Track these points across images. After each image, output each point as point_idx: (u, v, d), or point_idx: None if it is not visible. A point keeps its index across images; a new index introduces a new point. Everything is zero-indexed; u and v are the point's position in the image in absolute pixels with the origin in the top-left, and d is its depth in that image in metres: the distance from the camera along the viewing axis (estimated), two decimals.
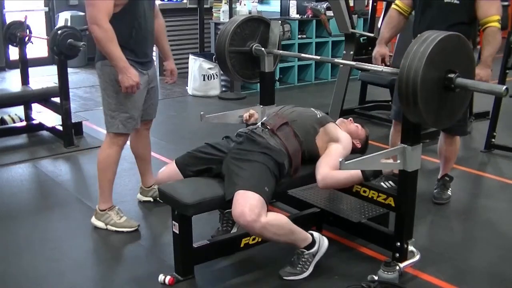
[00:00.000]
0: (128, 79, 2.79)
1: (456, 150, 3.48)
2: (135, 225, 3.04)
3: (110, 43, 2.74)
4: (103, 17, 2.72)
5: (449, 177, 3.53)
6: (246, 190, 2.33)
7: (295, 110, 2.79)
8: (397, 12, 3.28)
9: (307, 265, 2.55)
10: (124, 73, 2.79)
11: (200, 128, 3.25)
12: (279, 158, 2.52)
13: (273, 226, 2.36)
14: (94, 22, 2.73)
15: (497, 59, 3.35)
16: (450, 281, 2.56)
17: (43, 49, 7.65)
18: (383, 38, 3.37)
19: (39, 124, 4.84)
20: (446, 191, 3.48)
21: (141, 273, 2.70)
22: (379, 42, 3.37)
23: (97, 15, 2.72)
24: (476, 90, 2.25)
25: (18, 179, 3.92)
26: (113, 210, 3.07)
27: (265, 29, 3.19)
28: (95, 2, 2.73)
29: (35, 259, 2.79)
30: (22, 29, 4.84)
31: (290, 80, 7.32)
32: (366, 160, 2.45)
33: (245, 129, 2.71)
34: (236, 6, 6.87)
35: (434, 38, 2.15)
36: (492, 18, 2.94)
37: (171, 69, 3.30)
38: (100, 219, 3.07)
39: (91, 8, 2.74)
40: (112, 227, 3.03)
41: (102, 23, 2.72)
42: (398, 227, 2.58)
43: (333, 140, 2.69)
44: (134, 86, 2.82)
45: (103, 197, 3.07)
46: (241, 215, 2.29)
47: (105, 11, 2.73)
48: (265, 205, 2.35)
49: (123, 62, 2.78)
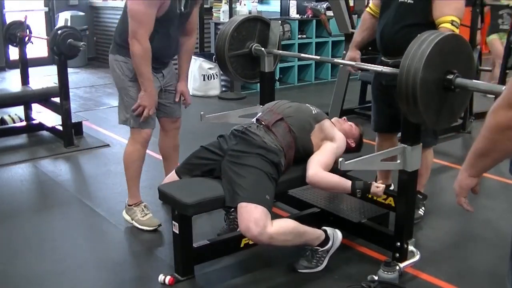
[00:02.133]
0: (148, 100, 2.86)
1: (427, 164, 3.06)
2: (156, 224, 3.03)
3: (145, 61, 2.79)
4: (145, 34, 2.74)
5: (422, 194, 3.20)
6: (248, 203, 2.34)
7: (290, 105, 2.77)
8: (370, 15, 3.19)
9: (322, 260, 2.61)
10: (146, 93, 2.84)
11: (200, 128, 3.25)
12: (275, 158, 2.51)
13: (280, 234, 2.37)
14: (135, 37, 2.74)
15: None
16: (450, 281, 2.57)
17: (43, 49, 7.64)
18: (354, 41, 3.26)
19: (39, 124, 4.84)
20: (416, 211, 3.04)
21: (141, 273, 2.70)
22: (351, 46, 3.27)
23: (139, 31, 2.73)
24: (476, 90, 2.25)
25: (18, 179, 3.92)
26: (139, 206, 3.08)
27: (262, 28, 3.18)
28: (141, 19, 2.72)
29: (35, 259, 2.79)
30: (22, 29, 4.84)
31: (290, 80, 7.32)
32: (366, 160, 2.45)
33: (239, 126, 2.68)
34: (236, 6, 6.87)
35: (433, 39, 2.15)
36: (445, 18, 2.69)
37: (182, 91, 3.18)
38: (128, 213, 3.11)
39: (136, 23, 2.73)
40: (135, 223, 3.05)
41: (143, 41, 2.75)
42: (398, 227, 2.58)
43: (328, 138, 2.68)
44: (148, 108, 2.87)
45: (130, 193, 3.10)
46: (247, 230, 2.32)
47: (148, 29, 2.75)
48: (268, 214, 2.36)
49: (150, 83, 2.85)
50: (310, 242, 2.55)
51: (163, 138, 3.27)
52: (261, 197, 2.37)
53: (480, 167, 1.48)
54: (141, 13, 2.71)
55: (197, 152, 2.66)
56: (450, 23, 2.67)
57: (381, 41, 3.00)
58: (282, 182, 2.57)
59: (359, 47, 3.26)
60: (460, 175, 1.54)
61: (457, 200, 1.60)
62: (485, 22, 5.65)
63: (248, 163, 2.46)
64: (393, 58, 2.88)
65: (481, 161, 1.45)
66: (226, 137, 2.65)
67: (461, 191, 1.57)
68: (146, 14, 2.72)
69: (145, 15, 2.72)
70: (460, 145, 4.87)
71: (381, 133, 3.26)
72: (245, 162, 2.47)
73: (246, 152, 2.51)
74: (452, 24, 2.67)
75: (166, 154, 3.32)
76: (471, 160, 1.48)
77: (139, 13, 2.71)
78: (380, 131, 3.26)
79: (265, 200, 2.37)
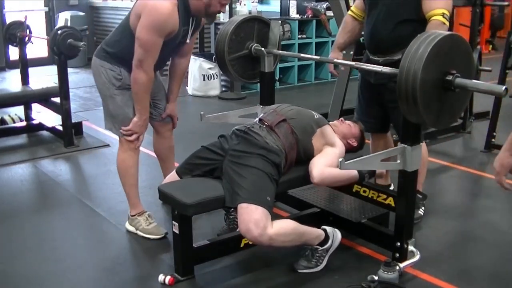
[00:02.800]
0: (140, 127, 2.87)
1: (423, 160, 2.86)
2: (162, 233, 2.95)
3: (146, 90, 2.78)
4: (151, 64, 2.72)
5: (422, 194, 3.17)
6: (248, 204, 2.33)
7: (293, 108, 2.79)
8: (352, 17, 3.19)
9: (321, 259, 2.61)
10: (140, 120, 2.85)
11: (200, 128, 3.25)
12: (276, 159, 2.51)
13: (280, 235, 2.37)
14: (140, 66, 2.70)
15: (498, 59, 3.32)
16: (450, 281, 2.57)
17: (43, 49, 7.65)
18: (337, 43, 3.26)
19: (39, 124, 4.84)
20: (416, 211, 3.02)
21: (141, 273, 2.71)
22: (333, 48, 3.27)
23: (146, 61, 2.69)
24: (476, 90, 2.25)
25: (18, 179, 3.92)
26: (142, 215, 3.00)
27: (261, 27, 3.18)
28: (150, 49, 2.68)
29: (35, 259, 2.79)
30: (22, 29, 4.85)
31: (290, 80, 7.32)
32: (366, 160, 2.45)
33: (242, 126, 2.68)
34: (236, 6, 6.87)
35: (432, 39, 2.15)
36: (435, 11, 2.70)
37: (171, 114, 3.15)
38: (131, 223, 3.03)
39: (143, 52, 2.68)
40: (141, 232, 2.98)
41: (149, 70, 2.73)
42: (398, 227, 2.58)
43: (329, 144, 2.69)
44: (139, 135, 2.89)
45: (130, 203, 3.02)
46: (247, 231, 2.32)
47: (155, 58, 2.72)
48: (269, 215, 2.36)
49: (146, 112, 2.86)
50: (310, 241, 2.55)
51: (157, 140, 3.24)
52: (262, 198, 2.37)
53: None
54: (151, 43, 2.66)
55: (198, 152, 2.66)
56: (441, 16, 2.69)
57: (371, 40, 3.00)
58: (283, 182, 2.57)
59: (341, 49, 3.28)
60: (502, 154, 1.57)
61: (497, 178, 1.62)
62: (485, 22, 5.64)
63: (250, 164, 2.46)
64: (383, 56, 2.89)
65: None
66: (227, 137, 2.65)
67: (501, 169, 1.59)
68: (155, 44, 2.67)
69: (154, 45, 2.67)
70: (460, 145, 4.86)
71: (374, 133, 3.26)
72: (246, 163, 2.47)
73: (248, 152, 2.51)
74: (443, 17, 2.69)
75: (161, 155, 3.30)
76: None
77: (148, 43, 2.66)
78: (374, 131, 3.26)
79: (266, 201, 2.37)
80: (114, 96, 2.87)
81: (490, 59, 6.75)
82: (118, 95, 2.87)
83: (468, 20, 5.09)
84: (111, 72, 2.85)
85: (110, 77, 2.86)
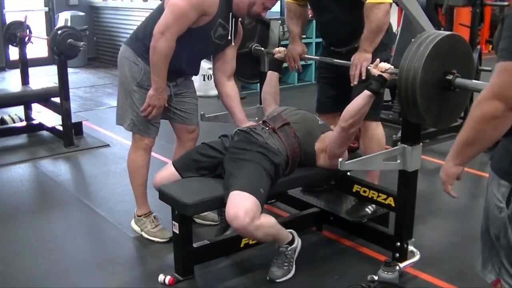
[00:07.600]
0: (158, 100, 2.70)
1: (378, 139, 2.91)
2: (167, 236, 2.88)
3: (164, 59, 2.61)
4: (175, 34, 2.59)
5: None
6: (241, 191, 2.32)
7: (298, 113, 2.77)
8: (295, 4, 3.10)
9: (291, 261, 2.57)
10: (156, 92, 2.69)
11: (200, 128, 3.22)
12: (275, 159, 2.50)
13: (264, 228, 2.36)
14: (163, 31, 2.56)
15: None
16: (450, 281, 2.57)
17: (43, 49, 7.64)
18: (293, 33, 3.11)
19: (39, 124, 4.85)
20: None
21: (141, 273, 2.71)
22: (293, 40, 3.11)
23: (171, 29, 2.56)
24: (476, 90, 2.25)
25: (18, 179, 3.93)
26: (148, 217, 2.96)
27: (262, 28, 3.18)
28: (180, 17, 2.56)
29: (35, 259, 2.79)
30: (22, 29, 4.85)
31: (290, 80, 7.32)
32: (366, 160, 2.45)
33: (244, 127, 2.70)
34: None
35: (432, 39, 2.15)
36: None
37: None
38: (137, 223, 2.99)
39: (172, 19, 2.56)
40: (145, 234, 2.94)
41: (171, 39, 2.58)
42: (398, 227, 2.58)
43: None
44: (157, 108, 2.73)
45: (138, 203, 2.97)
46: (235, 217, 2.26)
47: (180, 30, 2.60)
48: (260, 208, 2.33)
49: (163, 84, 2.68)
50: (283, 239, 2.54)
51: (178, 150, 3.00)
52: (256, 189, 2.35)
53: (466, 156, 1.55)
54: (183, 11, 2.55)
55: (199, 148, 2.67)
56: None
57: (331, 38, 3.01)
58: (283, 182, 2.58)
59: (300, 38, 3.14)
60: (446, 164, 1.60)
61: (444, 187, 1.67)
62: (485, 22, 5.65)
63: (247, 158, 2.47)
64: (345, 47, 2.91)
65: (467, 151, 1.52)
66: (229, 136, 2.66)
67: (447, 179, 1.63)
68: (187, 15, 2.56)
69: (186, 15, 2.57)
70: None
71: (323, 114, 3.11)
72: (244, 157, 2.47)
73: (247, 149, 2.52)
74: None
75: None
76: (457, 149, 1.54)
77: (181, 9, 2.55)
78: (324, 111, 3.14)
79: (259, 192, 2.35)
80: (133, 92, 2.77)
81: (490, 59, 6.74)
82: (136, 92, 2.76)
83: (468, 20, 5.10)
84: (134, 66, 2.76)
85: (133, 71, 2.76)
